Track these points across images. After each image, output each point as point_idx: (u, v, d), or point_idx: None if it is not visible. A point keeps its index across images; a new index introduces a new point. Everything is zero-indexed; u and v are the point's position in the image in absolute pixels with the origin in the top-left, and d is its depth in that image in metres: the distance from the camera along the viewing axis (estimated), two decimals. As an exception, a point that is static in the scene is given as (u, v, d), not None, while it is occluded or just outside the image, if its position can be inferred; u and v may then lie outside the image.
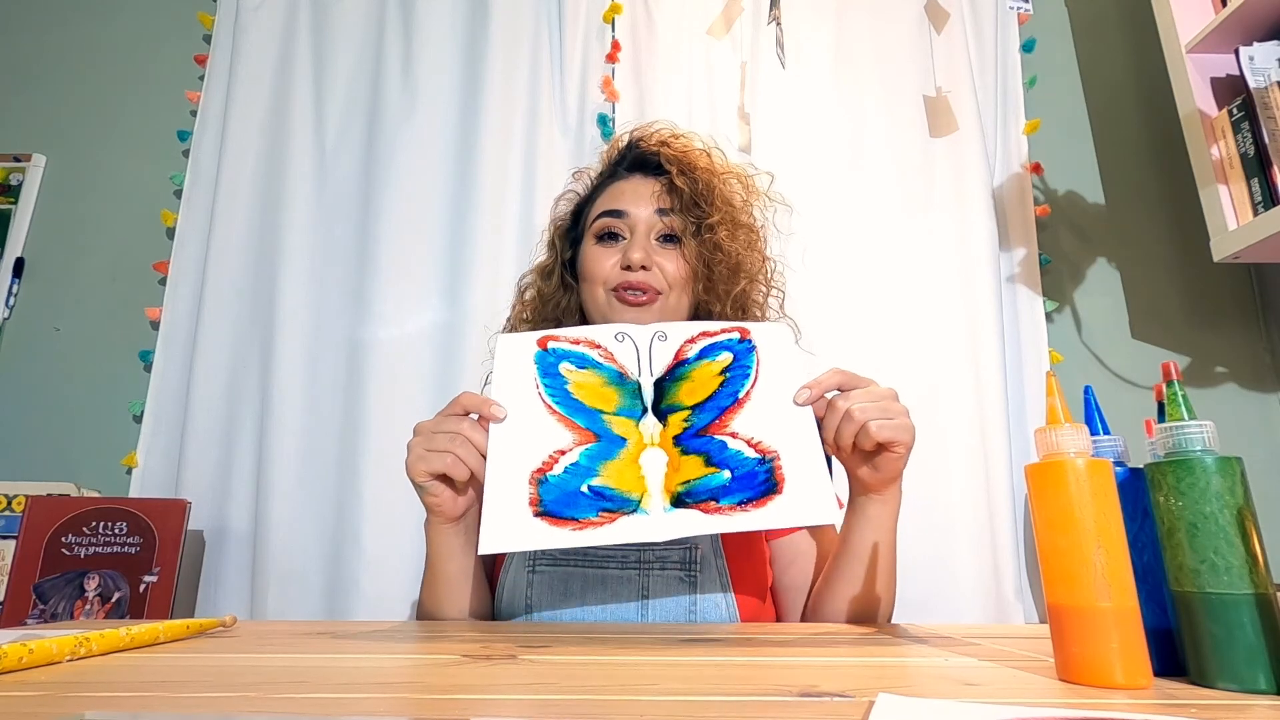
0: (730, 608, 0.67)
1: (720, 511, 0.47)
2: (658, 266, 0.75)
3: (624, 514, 0.49)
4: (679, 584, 0.67)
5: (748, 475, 0.49)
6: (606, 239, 0.78)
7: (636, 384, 0.57)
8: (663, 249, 0.77)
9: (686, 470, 0.51)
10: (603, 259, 0.77)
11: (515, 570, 0.69)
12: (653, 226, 0.77)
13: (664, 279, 0.76)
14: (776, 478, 0.47)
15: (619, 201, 0.79)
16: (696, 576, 0.67)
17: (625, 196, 0.79)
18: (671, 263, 0.76)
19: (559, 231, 0.87)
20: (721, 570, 0.68)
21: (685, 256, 0.76)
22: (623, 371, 0.59)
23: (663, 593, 0.67)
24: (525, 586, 0.68)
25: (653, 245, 0.77)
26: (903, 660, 0.44)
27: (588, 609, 0.67)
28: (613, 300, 0.76)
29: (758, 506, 0.46)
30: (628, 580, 0.67)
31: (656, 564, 0.68)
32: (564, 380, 0.58)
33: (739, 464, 0.50)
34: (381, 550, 1.15)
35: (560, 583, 0.68)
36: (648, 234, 0.77)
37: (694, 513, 0.48)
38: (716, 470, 0.50)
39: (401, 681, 0.37)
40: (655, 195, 0.78)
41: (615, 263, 0.76)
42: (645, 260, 0.74)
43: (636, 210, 0.78)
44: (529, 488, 0.49)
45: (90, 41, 1.54)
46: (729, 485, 0.48)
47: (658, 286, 0.75)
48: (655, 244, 0.77)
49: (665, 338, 0.61)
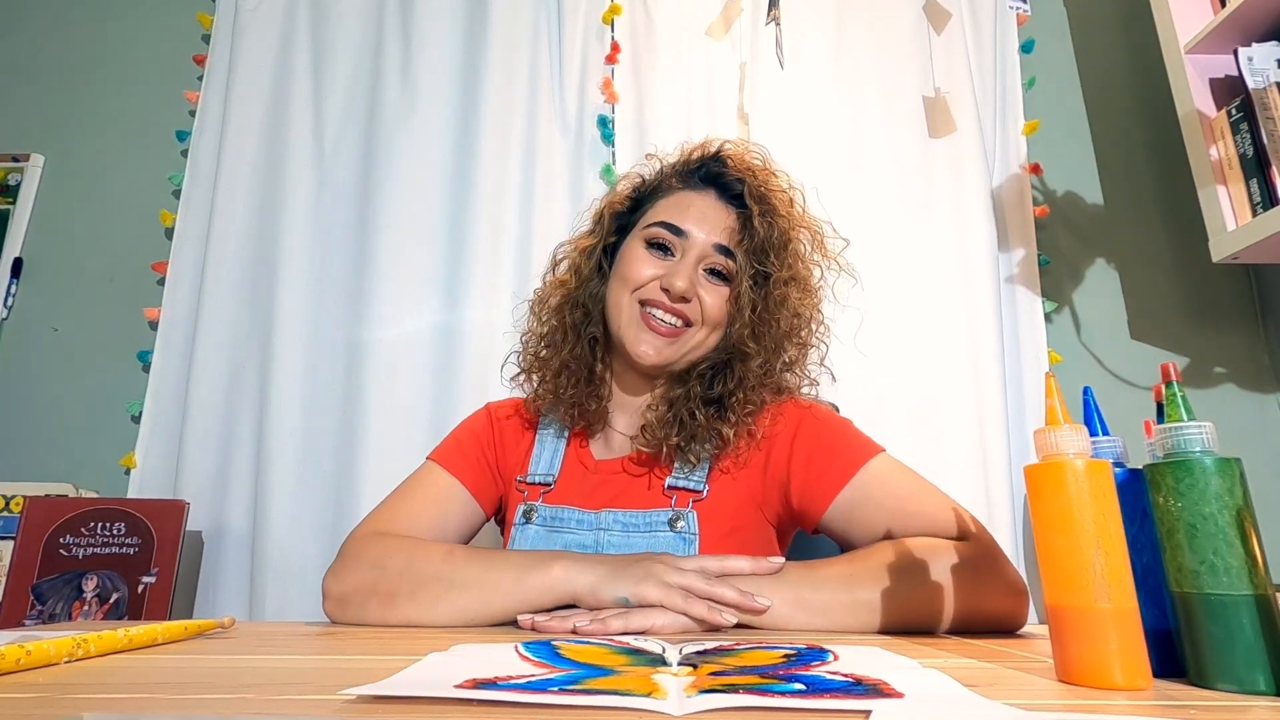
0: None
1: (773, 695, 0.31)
2: (698, 299, 0.71)
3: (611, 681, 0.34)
4: None
5: (833, 685, 0.33)
6: (656, 248, 0.74)
7: (657, 656, 0.41)
8: (709, 282, 0.73)
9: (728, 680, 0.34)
10: (644, 266, 0.73)
11: None
12: (706, 256, 0.72)
13: (701, 313, 0.71)
14: (885, 691, 0.32)
15: (684, 218, 0.73)
16: None
17: (691, 214, 0.74)
18: (714, 299, 0.72)
19: (612, 213, 0.80)
20: None
21: (733, 299, 0.71)
22: (638, 649, 0.44)
23: None
24: None
25: (699, 275, 0.72)
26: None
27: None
28: (636, 317, 0.72)
29: (836, 698, 0.30)
30: None
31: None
32: (548, 643, 0.45)
33: (822, 683, 0.33)
34: (380, 551, 1.15)
35: None
36: (698, 261, 0.72)
37: (731, 696, 0.30)
38: (778, 682, 0.34)
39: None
40: (725, 228, 0.73)
41: (655, 276, 0.72)
42: (688, 291, 0.70)
43: (698, 233, 0.72)
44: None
45: (89, 41, 1.54)
46: (799, 691, 0.32)
47: (692, 318, 0.72)
48: (702, 274, 0.73)
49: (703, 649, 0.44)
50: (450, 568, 0.61)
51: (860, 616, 0.56)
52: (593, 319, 0.77)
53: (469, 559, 0.62)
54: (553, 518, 0.72)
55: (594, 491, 0.74)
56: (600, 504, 0.72)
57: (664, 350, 0.72)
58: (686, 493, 0.71)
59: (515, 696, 0.30)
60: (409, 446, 1.18)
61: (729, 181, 0.76)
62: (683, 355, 0.73)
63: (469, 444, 0.78)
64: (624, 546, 0.68)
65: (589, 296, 0.77)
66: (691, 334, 0.72)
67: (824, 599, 0.56)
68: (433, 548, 0.64)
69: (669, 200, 0.76)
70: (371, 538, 0.67)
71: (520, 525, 0.73)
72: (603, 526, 0.70)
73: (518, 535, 0.73)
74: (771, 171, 0.78)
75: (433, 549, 0.64)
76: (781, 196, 0.76)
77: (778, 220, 0.73)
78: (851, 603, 0.56)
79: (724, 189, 0.76)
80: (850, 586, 0.57)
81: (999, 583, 0.59)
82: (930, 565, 0.58)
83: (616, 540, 0.69)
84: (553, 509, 0.72)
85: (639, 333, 0.72)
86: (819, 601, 0.56)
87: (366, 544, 0.66)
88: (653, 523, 0.69)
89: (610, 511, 0.71)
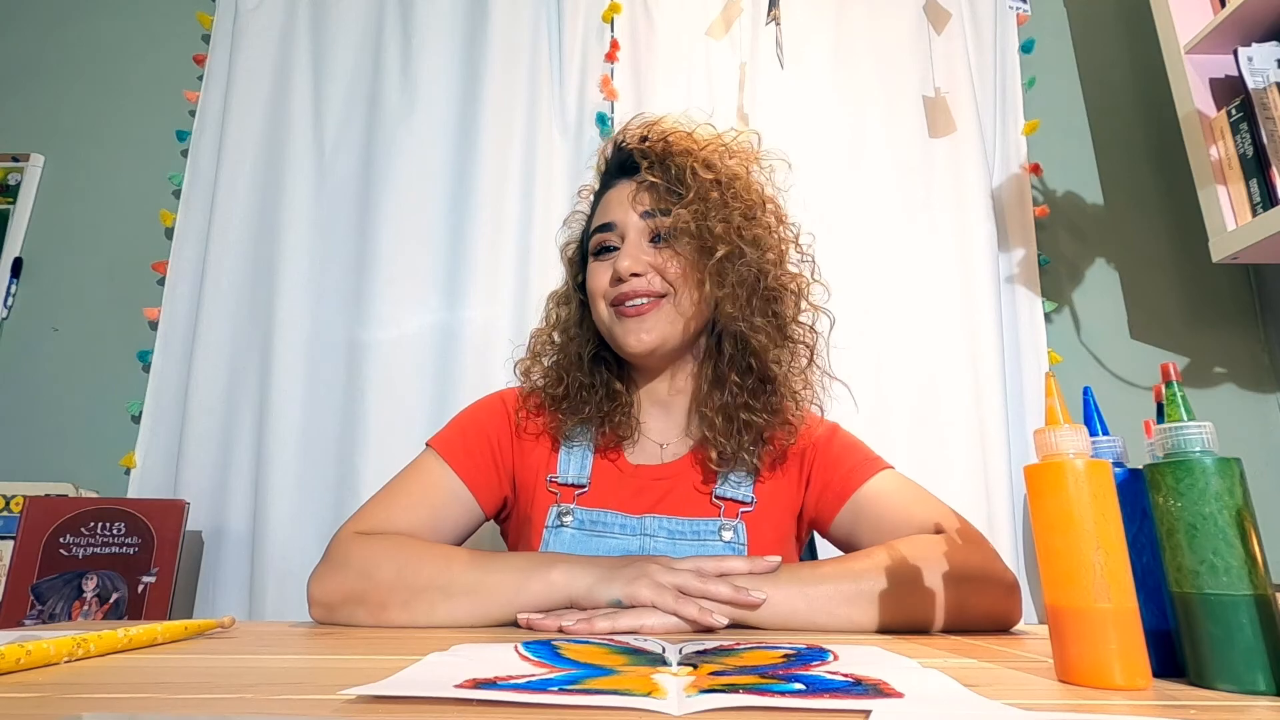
0: None
1: (773, 695, 0.31)
2: (655, 269, 0.71)
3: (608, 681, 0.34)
4: None
5: (833, 685, 0.33)
6: (602, 253, 0.75)
7: (657, 655, 0.42)
8: (657, 249, 0.73)
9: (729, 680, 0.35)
10: (600, 274, 0.74)
11: None
12: (641, 230, 0.73)
13: (663, 279, 0.71)
14: (885, 691, 0.32)
15: (607, 213, 0.76)
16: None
17: (612, 206, 0.76)
18: (667, 260, 0.72)
19: (568, 255, 0.84)
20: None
21: (679, 251, 0.71)
22: (638, 649, 0.44)
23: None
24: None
25: (645, 248, 0.73)
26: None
27: None
28: (614, 315, 0.73)
29: (836, 698, 0.30)
30: None
31: None
32: (549, 642, 0.45)
33: (822, 683, 0.34)
34: (380, 551, 1.15)
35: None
36: (639, 239, 0.73)
37: (731, 696, 0.30)
38: (778, 682, 0.34)
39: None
40: (642, 197, 0.74)
41: (611, 275, 0.73)
42: (634, 267, 0.71)
43: (623, 216, 0.74)
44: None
45: (89, 41, 1.54)
46: (799, 691, 0.32)
47: (657, 289, 0.71)
48: (650, 246, 0.73)
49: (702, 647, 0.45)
50: (446, 575, 0.59)
51: (860, 607, 0.57)
52: (591, 345, 0.78)
53: (466, 566, 0.60)
54: (592, 521, 0.70)
55: (634, 497, 0.72)
56: (643, 509, 0.71)
57: (651, 330, 0.71)
58: (735, 504, 0.72)
59: (515, 696, 0.30)
60: (409, 446, 1.18)
61: (628, 159, 0.77)
62: (670, 327, 0.72)
63: (474, 438, 0.75)
64: (671, 553, 0.68)
65: (582, 329, 0.79)
66: (666, 304, 0.72)
67: (824, 591, 0.57)
68: (425, 553, 0.62)
69: (597, 210, 0.79)
70: (359, 540, 0.64)
71: (554, 528, 0.70)
72: (647, 532, 0.70)
73: (551, 538, 0.70)
74: (657, 122, 0.78)
75: (425, 555, 0.62)
76: (677, 138, 0.75)
77: (674, 159, 0.73)
78: (854, 593, 0.57)
79: (631, 168, 0.76)
80: (850, 578, 0.58)
81: (994, 579, 0.61)
82: (927, 561, 0.59)
83: (663, 547, 0.69)
84: (591, 512, 0.71)
85: (621, 327, 0.72)
86: (819, 593, 0.57)
87: (354, 546, 0.63)
88: (701, 531, 0.70)
89: (655, 517, 0.70)
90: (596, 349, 0.78)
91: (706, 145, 0.76)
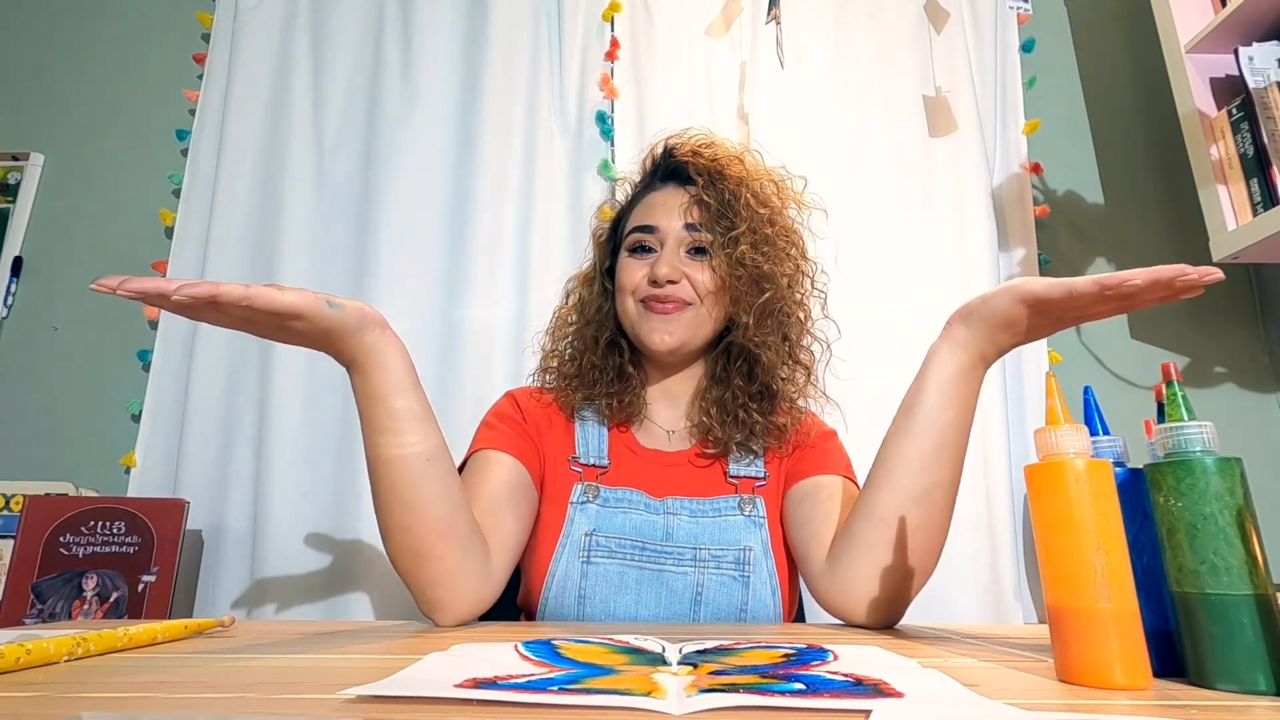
0: (776, 607, 0.70)
1: (772, 694, 0.31)
2: (688, 278, 0.76)
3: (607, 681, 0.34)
4: (733, 583, 0.69)
5: (833, 685, 0.33)
6: (638, 251, 0.79)
7: (657, 655, 0.42)
8: (693, 261, 0.77)
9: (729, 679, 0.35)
10: (634, 270, 0.78)
11: (568, 561, 0.69)
12: (682, 240, 0.78)
13: (694, 290, 0.76)
14: (886, 690, 0.32)
15: (650, 215, 0.80)
16: (749, 577, 0.70)
17: (656, 210, 0.80)
18: (701, 274, 0.76)
19: (599, 240, 0.88)
20: (771, 571, 0.71)
21: (715, 268, 0.76)
22: (638, 648, 0.44)
23: (716, 592, 0.69)
24: (579, 578, 0.69)
25: (682, 258, 0.78)
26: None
27: (642, 604, 0.68)
28: (641, 310, 0.77)
29: (837, 698, 0.30)
30: (683, 578, 0.69)
31: (712, 563, 0.70)
32: (549, 642, 0.45)
33: (822, 683, 0.34)
34: (380, 550, 1.15)
35: (616, 577, 0.69)
36: (678, 247, 0.78)
37: (731, 696, 0.30)
38: (778, 681, 0.34)
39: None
40: (689, 208, 0.78)
41: (645, 275, 0.77)
42: (672, 274, 0.75)
43: (666, 224, 0.78)
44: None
45: (89, 40, 1.54)
46: (799, 691, 0.32)
47: (686, 297, 0.76)
48: (685, 256, 0.78)
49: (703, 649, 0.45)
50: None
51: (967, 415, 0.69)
52: (608, 330, 0.82)
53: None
54: (617, 499, 0.74)
55: (652, 479, 0.76)
56: (663, 492, 0.75)
57: (675, 332, 0.76)
58: (750, 479, 0.77)
59: (515, 696, 0.30)
60: (409, 446, 1.18)
61: (680, 168, 0.81)
62: (693, 332, 0.77)
63: (506, 423, 0.77)
64: (694, 529, 0.72)
65: (602, 315, 0.83)
66: (692, 311, 0.77)
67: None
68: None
69: (638, 207, 0.83)
70: None
71: (580, 504, 0.73)
72: (670, 511, 0.73)
73: (576, 513, 0.72)
74: (713, 142, 0.83)
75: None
76: (729, 161, 0.80)
77: (727, 184, 0.78)
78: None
79: (681, 177, 0.81)
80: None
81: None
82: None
83: (686, 524, 0.72)
84: (615, 490, 0.74)
85: (647, 323, 0.77)
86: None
87: None
88: (722, 508, 0.74)
89: (676, 499, 0.74)
90: (613, 334, 0.82)
91: (757, 175, 0.81)
